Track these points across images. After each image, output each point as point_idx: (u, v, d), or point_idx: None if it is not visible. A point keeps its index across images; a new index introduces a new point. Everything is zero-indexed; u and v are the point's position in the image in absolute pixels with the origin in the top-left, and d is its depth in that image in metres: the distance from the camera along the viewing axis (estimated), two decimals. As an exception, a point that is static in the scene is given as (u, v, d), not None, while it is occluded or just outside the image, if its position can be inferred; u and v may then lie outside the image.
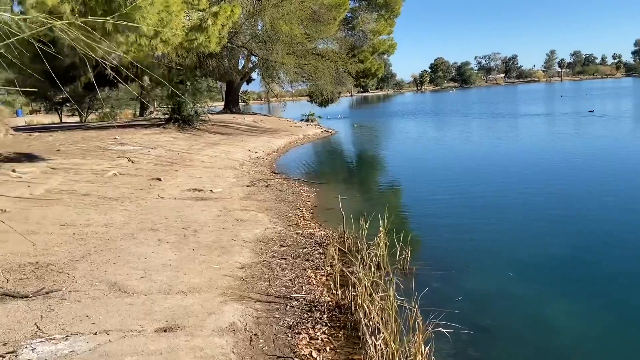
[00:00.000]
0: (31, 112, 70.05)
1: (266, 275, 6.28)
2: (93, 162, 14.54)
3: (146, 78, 30.75)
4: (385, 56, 38.36)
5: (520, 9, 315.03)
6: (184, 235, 7.58)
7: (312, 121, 37.41)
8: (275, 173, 15.50)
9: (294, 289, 5.98)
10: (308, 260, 6.96)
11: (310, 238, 8.02)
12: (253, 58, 35.12)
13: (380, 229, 6.70)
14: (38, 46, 5.43)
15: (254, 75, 43.10)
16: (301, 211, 10.01)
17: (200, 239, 7.50)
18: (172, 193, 10.96)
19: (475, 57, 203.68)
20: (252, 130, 27.37)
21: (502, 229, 8.67)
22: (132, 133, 21.69)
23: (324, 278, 6.43)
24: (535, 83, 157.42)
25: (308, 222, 9.12)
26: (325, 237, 8.09)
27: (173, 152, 17.60)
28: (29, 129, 25.40)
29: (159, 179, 12.44)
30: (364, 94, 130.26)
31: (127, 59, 11.61)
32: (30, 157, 14.62)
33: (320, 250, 7.36)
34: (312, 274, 6.49)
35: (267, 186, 12.45)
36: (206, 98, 26.03)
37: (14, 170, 11.46)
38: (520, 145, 19.52)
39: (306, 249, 7.41)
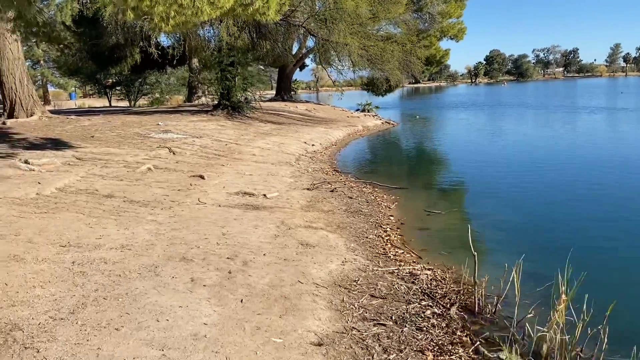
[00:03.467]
0: (84, 96, 70.46)
1: (360, 362, 3.78)
2: (128, 152, 12.44)
3: (194, 60, 28.85)
4: (454, 41, 34.98)
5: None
6: (229, 272, 5.14)
7: (368, 111, 34.66)
8: (338, 172, 12.95)
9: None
10: (420, 329, 4.39)
11: (412, 282, 5.44)
12: (308, 43, 32.68)
13: (562, 291, 3.99)
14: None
15: (307, 61, 40.73)
16: (385, 231, 7.44)
17: (252, 279, 5.05)
18: (217, 197, 8.60)
19: (533, 50, 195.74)
20: (306, 120, 24.92)
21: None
22: (177, 119, 19.65)
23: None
24: (596, 78, 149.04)
25: (400, 251, 6.54)
26: (433, 281, 5.50)
27: (220, 142, 15.34)
28: (70, 111, 23.87)
29: (202, 177, 10.12)
30: (415, 85, 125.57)
31: (168, 28, 9.32)
32: (56, 144, 12.63)
33: (436, 310, 4.77)
34: None
35: (332, 191, 9.93)
36: (258, 83, 23.74)
37: (26, 161, 9.37)
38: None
39: (412, 305, 4.84)
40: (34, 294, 4.38)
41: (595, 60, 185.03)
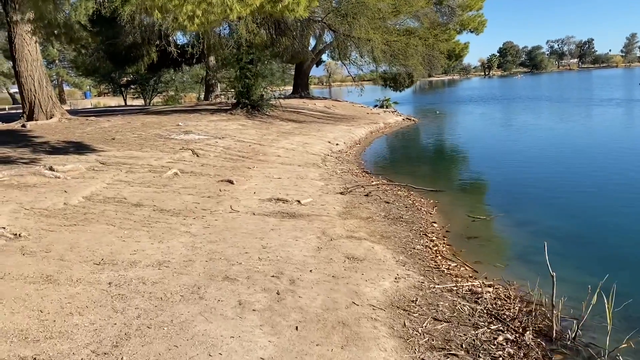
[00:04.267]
0: (99, 94, 70.67)
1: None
2: (152, 154, 12.11)
3: (212, 58, 28.51)
4: (474, 34, 34.24)
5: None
6: (278, 294, 4.75)
7: (387, 107, 34.13)
8: (367, 173, 12.51)
9: None
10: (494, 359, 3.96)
11: (475, 301, 5.00)
12: (325, 39, 32.18)
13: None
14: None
15: (323, 57, 40.27)
16: (431, 240, 7.00)
17: (303, 300, 4.66)
18: (249, 204, 8.22)
19: (547, 41, 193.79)
20: (327, 118, 24.48)
21: None
22: (197, 119, 19.33)
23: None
24: (612, 68, 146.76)
25: (452, 264, 6.10)
26: (498, 300, 5.05)
27: (243, 142, 14.97)
28: (88, 112, 23.66)
29: (231, 182, 9.75)
30: (429, 79, 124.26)
31: (193, 28, 8.94)
32: (79, 148, 12.35)
33: (508, 336, 4.32)
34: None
35: (367, 195, 9.51)
36: (278, 81, 23.33)
37: (51, 168, 9.06)
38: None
39: (481, 330, 4.40)
40: (72, 323, 4.02)
41: (610, 50, 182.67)
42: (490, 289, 5.26)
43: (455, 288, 5.27)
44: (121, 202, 7.82)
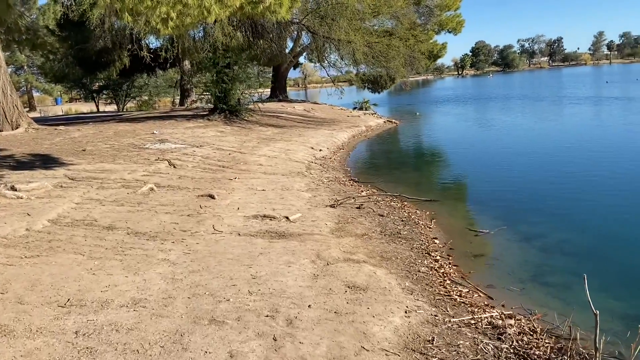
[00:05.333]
0: (70, 100, 68.69)
1: None
2: (125, 167, 11.34)
3: (187, 62, 27.63)
4: (452, 34, 33.96)
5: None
6: (274, 340, 4.09)
7: (366, 109, 33.66)
8: (355, 181, 11.90)
9: None
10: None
11: (499, 338, 4.41)
12: (302, 41, 31.55)
13: None
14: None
15: (301, 59, 39.65)
16: (436, 260, 6.41)
17: (304, 348, 4.01)
18: (233, 223, 7.53)
19: (518, 40, 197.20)
20: (307, 122, 23.84)
21: None
22: (173, 126, 18.52)
23: None
24: (581, 66, 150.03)
25: (464, 290, 5.52)
26: (523, 336, 4.47)
27: (223, 151, 14.25)
28: (58, 120, 22.56)
29: (211, 196, 9.04)
30: (404, 80, 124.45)
31: (166, 31, 8.25)
32: (46, 161, 11.49)
33: (546, 385, 3.75)
34: None
35: (358, 207, 8.89)
36: (256, 84, 22.61)
37: (12, 188, 8.22)
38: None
39: (513, 378, 3.81)
40: (28, 393, 3.30)
41: (578, 48, 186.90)
42: (512, 321, 4.68)
43: (473, 321, 4.68)
44: (91, 225, 7.06)
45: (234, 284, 5.21)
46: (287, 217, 7.85)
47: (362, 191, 10.52)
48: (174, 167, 11.88)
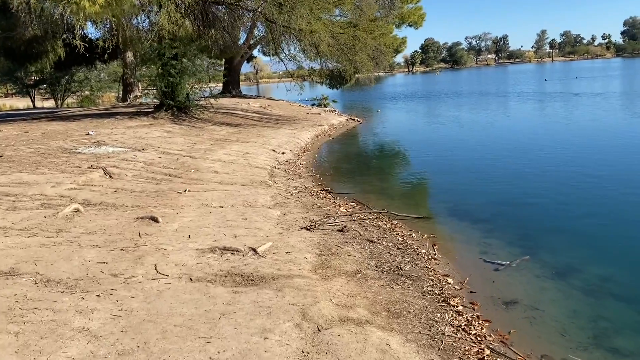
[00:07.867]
0: (5, 96, 63.77)
1: None
2: (49, 178, 9.24)
3: (129, 54, 25.17)
4: (413, 28, 32.72)
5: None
6: None
7: (325, 106, 32.07)
8: (329, 192, 10.16)
9: None
10: None
11: None
12: (256, 32, 29.55)
13: None
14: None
15: (254, 52, 37.64)
16: (459, 313, 4.79)
17: None
18: (183, 259, 5.68)
19: (466, 38, 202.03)
20: (265, 120, 21.95)
21: None
22: (112, 125, 16.31)
23: None
24: (525, 64, 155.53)
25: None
26: None
27: (170, 155, 12.25)
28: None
29: (155, 219, 7.13)
30: (357, 75, 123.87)
31: (94, 9, 6.35)
32: (-55, 173, 9.23)
33: None
34: None
35: (341, 230, 7.19)
36: (206, 79, 20.56)
37: None
38: None
39: None
40: None
41: (522, 46, 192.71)
42: None
43: None
44: (-17, 271, 5.07)
45: (185, 379, 3.40)
46: (254, 250, 6.06)
47: (339, 205, 8.82)
48: (110, 176, 9.85)
